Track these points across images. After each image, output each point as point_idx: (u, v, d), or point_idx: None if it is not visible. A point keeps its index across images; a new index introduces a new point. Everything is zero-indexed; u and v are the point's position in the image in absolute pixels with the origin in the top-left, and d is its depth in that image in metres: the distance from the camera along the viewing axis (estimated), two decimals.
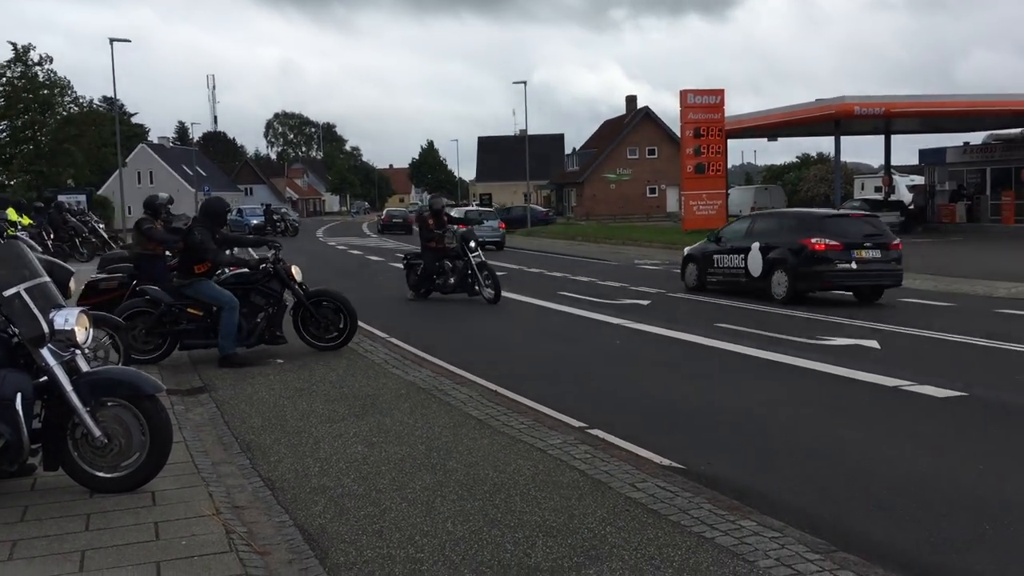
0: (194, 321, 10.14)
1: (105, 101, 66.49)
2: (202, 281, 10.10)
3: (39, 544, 4.66)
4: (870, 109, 32.49)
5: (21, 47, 47.18)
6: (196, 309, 10.14)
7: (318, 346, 10.64)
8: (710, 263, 17.34)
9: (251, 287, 10.34)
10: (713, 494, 5.50)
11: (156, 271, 12.09)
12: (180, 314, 10.13)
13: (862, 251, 14.92)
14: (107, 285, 12.37)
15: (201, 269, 10.11)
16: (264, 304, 10.34)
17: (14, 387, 5.09)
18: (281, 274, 10.43)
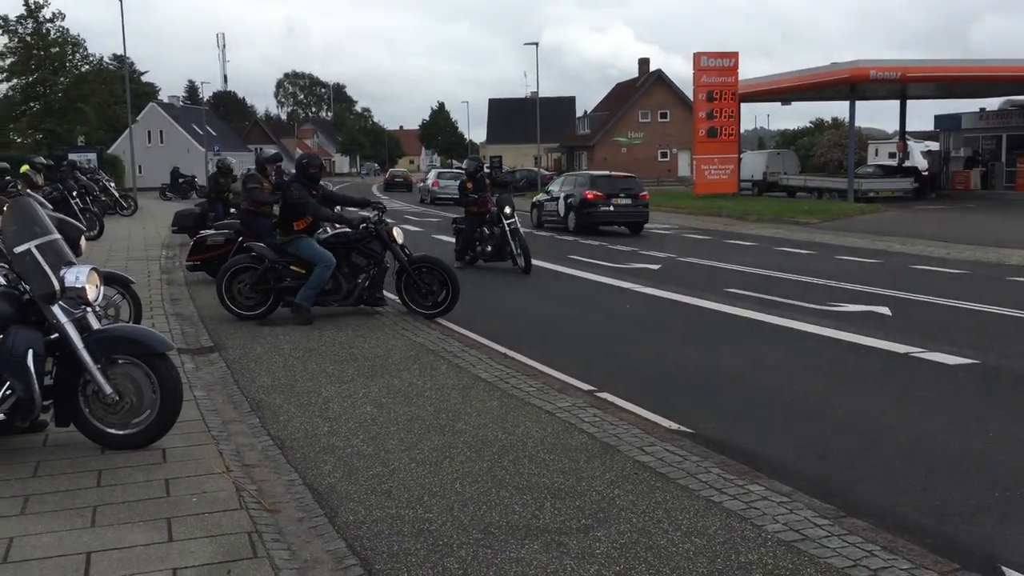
0: (296, 279, 10.16)
1: (116, 59, 66.22)
2: (302, 238, 10.13)
3: (51, 499, 4.70)
4: (886, 73, 32.06)
5: (33, 3, 46.93)
6: (298, 267, 10.16)
7: (419, 312, 10.39)
8: (542, 208, 25.65)
9: (352, 247, 10.29)
10: (722, 458, 5.50)
11: (261, 228, 12.31)
12: (283, 271, 10.18)
13: (618, 199, 23.08)
14: (214, 241, 13.14)
15: (300, 226, 10.13)
16: (365, 265, 10.31)
17: (25, 344, 5.12)
18: (383, 235, 10.31)
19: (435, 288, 10.38)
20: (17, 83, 48.28)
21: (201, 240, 13.47)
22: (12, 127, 49.10)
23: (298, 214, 10.07)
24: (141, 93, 72.47)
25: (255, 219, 12.77)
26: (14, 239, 5.29)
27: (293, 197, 10.09)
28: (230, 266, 10.45)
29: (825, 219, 25.70)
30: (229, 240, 13.10)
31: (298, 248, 10.10)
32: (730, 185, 37.31)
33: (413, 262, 10.41)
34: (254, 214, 12.77)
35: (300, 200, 10.02)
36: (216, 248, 13.19)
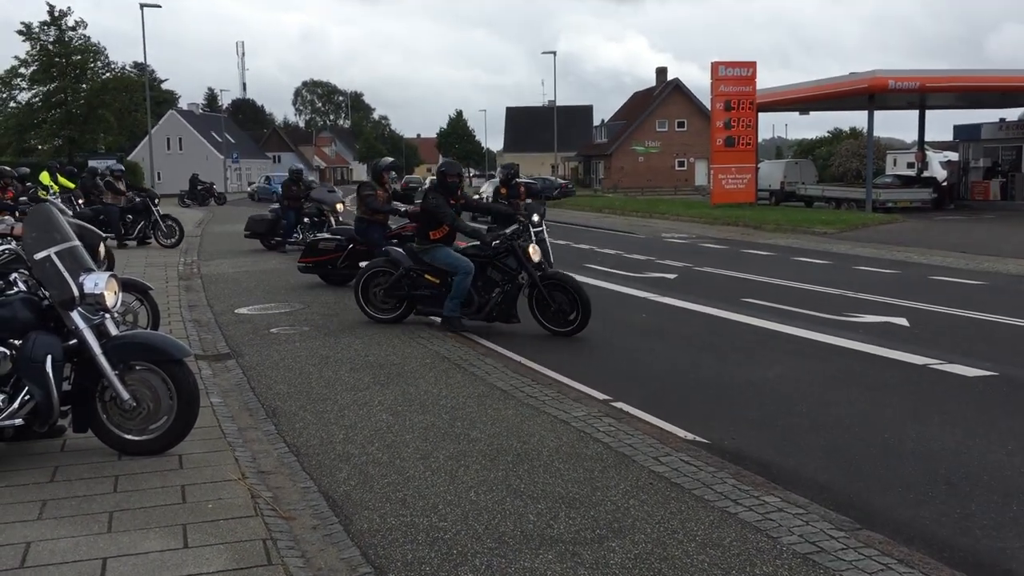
0: (430, 288, 10.14)
1: (136, 67, 66.79)
2: (439, 247, 10.03)
3: (68, 504, 4.73)
4: (905, 83, 31.90)
5: (57, 11, 47.49)
6: (433, 276, 10.10)
7: (552, 330, 9.95)
8: None
9: (487, 261, 10.04)
10: (737, 469, 5.48)
11: (374, 237, 12.66)
12: (418, 279, 10.19)
13: None
14: (325, 246, 13.65)
15: (437, 235, 10.04)
16: (500, 280, 10.01)
17: (44, 349, 5.16)
18: (517, 251, 9.93)
19: (565, 307, 9.90)
20: (39, 90, 48.83)
21: (313, 244, 13.93)
22: (33, 133, 49.61)
23: (435, 223, 9.98)
24: (161, 100, 73.03)
25: (369, 227, 12.94)
26: (34, 245, 5.34)
27: (429, 206, 10.02)
28: (368, 268, 10.61)
29: (843, 229, 25.58)
30: (340, 246, 13.50)
31: (435, 258, 10.02)
32: (747, 195, 37.19)
33: (544, 279, 9.95)
34: (368, 222, 12.92)
35: (436, 210, 9.92)
36: (327, 253, 13.64)
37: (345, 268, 13.53)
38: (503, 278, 9.99)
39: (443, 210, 9.92)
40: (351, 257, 13.39)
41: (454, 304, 9.91)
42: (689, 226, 29.90)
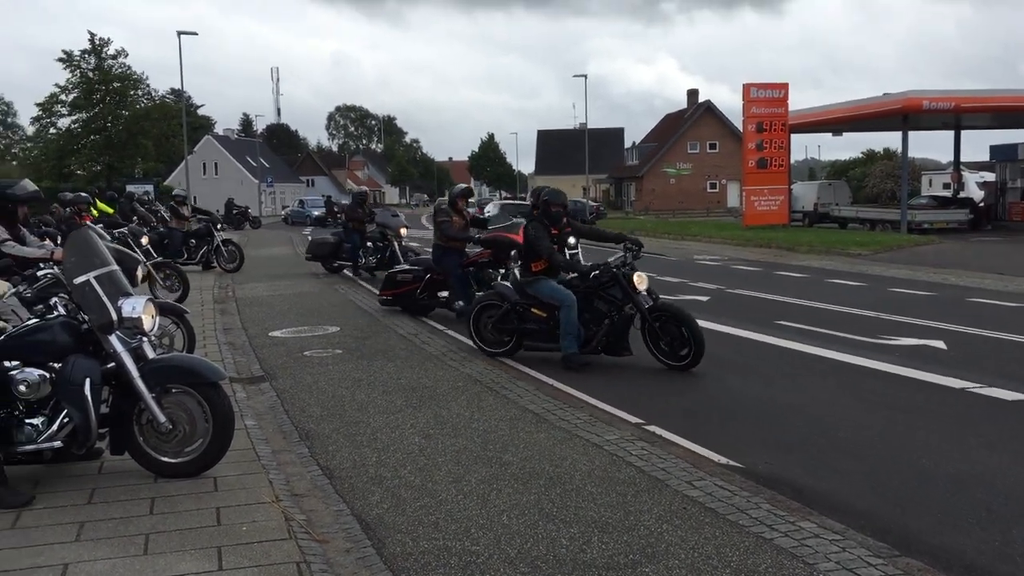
0: (537, 321, 9.71)
1: (173, 93, 67.90)
2: (540, 280, 9.61)
3: (105, 526, 4.79)
4: (939, 104, 31.61)
5: (99, 39, 48.50)
6: (540, 309, 9.67)
7: (666, 364, 9.31)
8: None
9: (593, 291, 9.46)
10: (772, 494, 5.42)
11: (450, 264, 12.56)
12: (525, 313, 9.78)
13: None
14: (403, 278, 13.40)
15: (539, 267, 9.65)
16: (607, 311, 9.42)
17: (83, 373, 5.24)
18: (621, 280, 9.30)
19: (676, 342, 9.25)
20: (79, 116, 49.80)
21: (392, 276, 13.72)
22: (73, 159, 50.53)
23: (536, 255, 9.59)
24: (197, 126, 74.15)
25: (445, 254, 12.77)
26: (74, 270, 5.44)
27: (529, 237, 9.61)
28: (479, 302, 10.31)
29: (878, 251, 25.33)
30: (417, 277, 13.26)
31: (538, 290, 9.58)
32: (780, 216, 36.96)
33: (653, 310, 9.32)
34: (444, 249, 12.77)
35: (536, 241, 9.50)
36: (405, 285, 13.38)
37: (424, 299, 13.31)
38: (610, 309, 9.41)
39: (541, 242, 9.49)
40: (429, 287, 13.20)
41: (569, 340, 9.30)
42: (721, 248, 29.75)
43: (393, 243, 19.01)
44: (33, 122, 51.31)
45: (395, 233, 19.14)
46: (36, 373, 5.25)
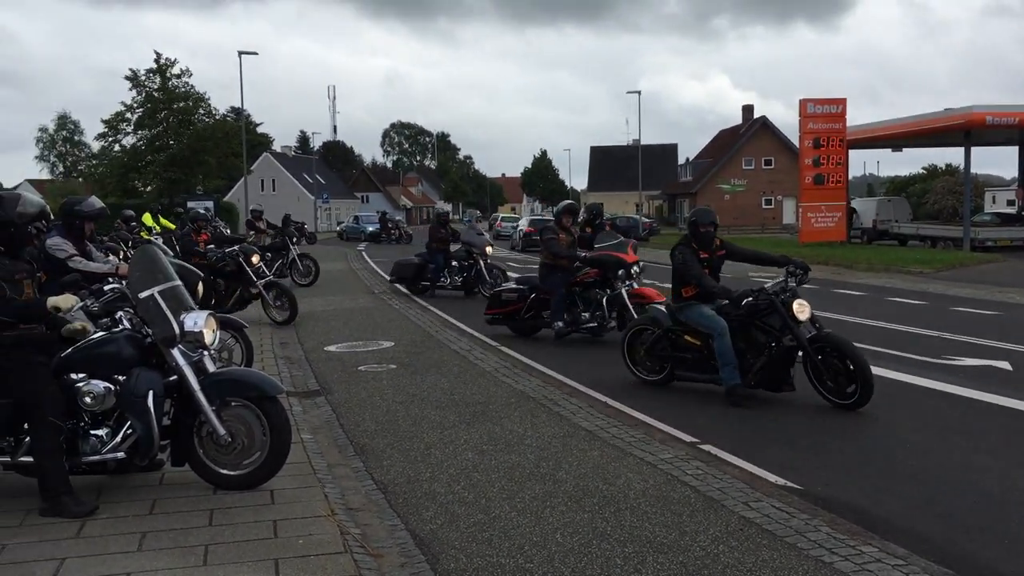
0: (691, 350, 8.95)
1: (233, 111, 69.30)
2: (691, 306, 8.82)
3: (166, 537, 4.87)
4: (1003, 119, 30.98)
5: (164, 59, 49.73)
6: (693, 337, 8.88)
7: (831, 401, 8.27)
8: None
9: (748, 320, 8.57)
10: (831, 517, 5.32)
11: (556, 283, 12.30)
12: (677, 340, 9.07)
13: None
14: (508, 296, 13.15)
15: (690, 293, 8.85)
16: (765, 342, 8.44)
17: (146, 385, 5.35)
18: (780, 308, 8.38)
19: (841, 377, 8.22)
20: (143, 134, 51.04)
21: (497, 295, 13.43)
22: (138, 176, 51.75)
23: (685, 280, 8.85)
24: (256, 143, 75.49)
25: (551, 273, 12.47)
26: (138, 284, 5.57)
27: (676, 262, 8.89)
28: (632, 326, 9.68)
29: (939, 269, 24.80)
30: (522, 296, 12.89)
31: (689, 317, 8.82)
32: (838, 233, 36.43)
33: (815, 341, 8.33)
34: (550, 267, 12.48)
35: (682, 266, 8.77)
36: (510, 304, 13.04)
37: (530, 318, 12.86)
38: (768, 340, 8.43)
39: (690, 267, 8.69)
40: (535, 306, 12.76)
41: (728, 371, 8.44)
42: None
43: (479, 262, 18.74)
44: (99, 138, 52.69)
45: (480, 251, 18.82)
46: (101, 385, 5.37)
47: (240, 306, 14.26)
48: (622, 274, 12.06)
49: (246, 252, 14.27)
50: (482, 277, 18.67)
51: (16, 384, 5.25)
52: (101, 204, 8.09)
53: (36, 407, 5.21)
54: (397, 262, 20.35)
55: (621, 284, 12.00)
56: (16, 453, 5.38)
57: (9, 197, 5.48)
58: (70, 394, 5.35)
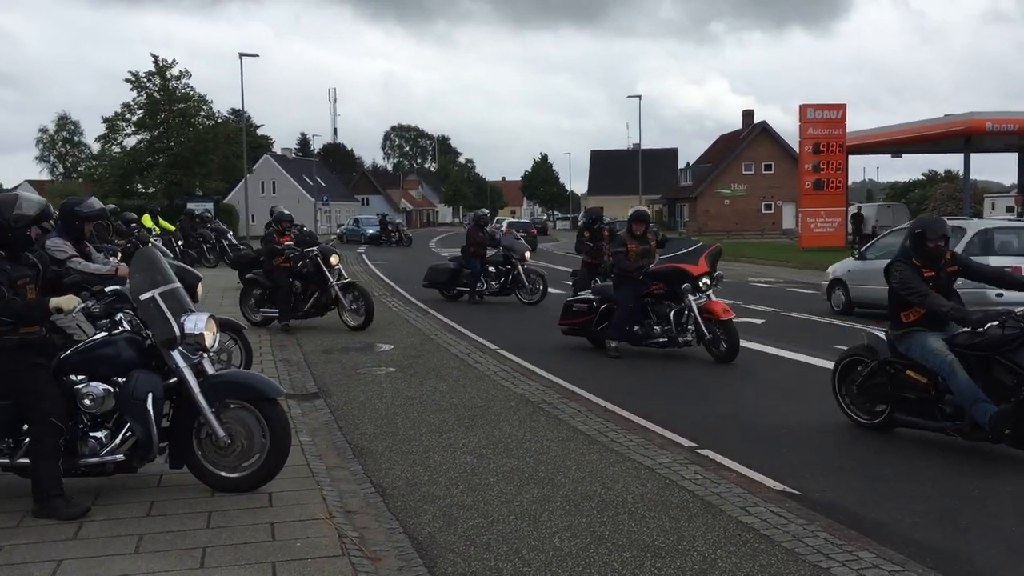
0: (915, 389, 7.22)
1: (233, 113, 69.32)
2: (913, 334, 7.19)
3: (163, 539, 4.87)
4: (1003, 126, 31.05)
5: (162, 61, 49.75)
6: (918, 373, 7.20)
7: None
8: None
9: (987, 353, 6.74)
10: (829, 522, 5.33)
11: (623, 294, 11.55)
12: (897, 375, 7.36)
13: None
14: (578, 308, 12.37)
15: (911, 317, 7.23)
16: (1013, 385, 6.55)
17: (146, 388, 5.36)
18: None
19: None
20: (144, 136, 51.05)
21: (568, 306, 12.58)
22: (138, 178, 51.73)
23: (905, 302, 7.20)
24: (256, 145, 75.53)
25: (621, 283, 11.68)
26: (139, 286, 5.57)
27: (894, 281, 7.25)
28: (844, 356, 7.98)
29: None
30: (591, 308, 12.09)
31: (909, 348, 7.17)
32: (837, 238, 36.47)
33: None
34: (621, 278, 11.68)
35: (903, 286, 7.13)
36: (580, 315, 12.28)
37: (601, 331, 11.97)
38: (1017, 382, 6.52)
39: (913, 287, 7.04)
40: (606, 317, 11.89)
41: (979, 408, 6.59)
42: (776, 270, 29.41)
43: (517, 267, 18.33)
44: (99, 139, 52.68)
45: (519, 257, 18.36)
46: (101, 387, 5.38)
47: (318, 311, 13.94)
48: (687, 287, 11.17)
49: (325, 252, 13.85)
50: (520, 282, 18.29)
51: (17, 385, 5.26)
52: (101, 205, 8.10)
53: (37, 407, 5.21)
54: (431, 267, 19.50)
55: (689, 296, 11.11)
56: (15, 455, 5.38)
57: (4, 200, 5.35)
58: (69, 396, 5.35)
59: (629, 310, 11.49)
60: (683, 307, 11.32)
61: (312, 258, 13.66)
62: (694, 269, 11.26)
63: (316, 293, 13.80)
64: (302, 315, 13.88)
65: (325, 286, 13.74)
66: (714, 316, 11.04)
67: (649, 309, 11.66)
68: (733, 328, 11.10)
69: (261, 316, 14.05)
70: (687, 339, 11.30)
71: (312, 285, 13.79)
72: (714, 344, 11.12)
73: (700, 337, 11.14)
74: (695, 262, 11.36)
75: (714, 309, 11.10)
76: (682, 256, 11.58)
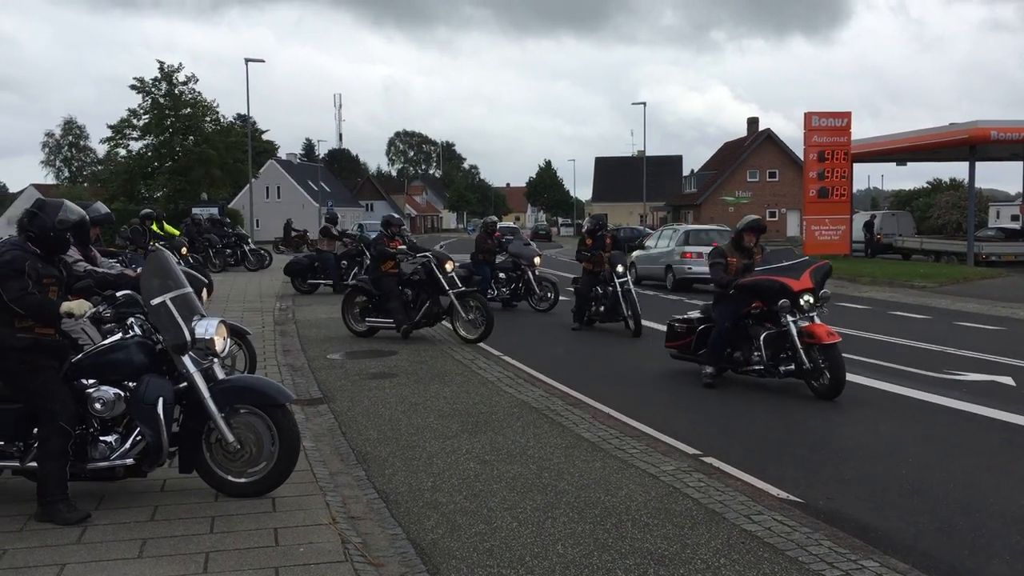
0: None
1: (239, 118, 69.42)
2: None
3: (167, 544, 4.87)
4: (1007, 134, 30.98)
5: (167, 66, 49.84)
6: None
7: None
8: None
9: None
10: (833, 531, 5.32)
11: (720, 314, 10.14)
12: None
13: None
14: (680, 328, 10.96)
15: None
16: None
17: (156, 392, 5.37)
18: None
19: None
20: (150, 141, 51.13)
21: (671, 326, 11.14)
22: (144, 183, 51.79)
23: None
24: (261, 151, 75.66)
25: (719, 301, 10.26)
26: (151, 291, 5.58)
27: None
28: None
29: (943, 283, 24.77)
30: (690, 327, 10.76)
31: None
32: (842, 246, 36.41)
33: None
34: (721, 295, 10.24)
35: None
36: (681, 337, 10.88)
37: (701, 354, 10.45)
38: None
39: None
40: (705, 339, 10.43)
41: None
42: None
43: (527, 273, 18.24)
44: (105, 141, 52.79)
45: (529, 262, 18.29)
46: (111, 392, 5.39)
47: (429, 321, 13.30)
48: (784, 304, 9.46)
49: (439, 258, 13.16)
50: (531, 288, 18.21)
51: (28, 386, 5.28)
52: (107, 209, 8.12)
53: (47, 409, 5.23)
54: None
55: (785, 315, 9.46)
56: (25, 458, 5.40)
57: (51, 204, 5.58)
58: (80, 400, 5.37)
59: (726, 330, 10.00)
60: (778, 331, 9.65)
61: (425, 264, 13.05)
62: (795, 284, 9.54)
63: (428, 302, 13.16)
64: (414, 324, 13.21)
65: (438, 294, 13.07)
66: (816, 340, 9.26)
67: (748, 332, 10.03)
68: (838, 356, 9.26)
69: (367, 325, 13.56)
70: (788, 367, 9.55)
71: (423, 294, 13.19)
72: (815, 375, 9.38)
73: (799, 366, 9.42)
74: (797, 276, 9.63)
75: (817, 332, 9.29)
76: (782, 269, 9.83)
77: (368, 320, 13.60)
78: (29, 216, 5.49)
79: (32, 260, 5.37)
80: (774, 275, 9.76)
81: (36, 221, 5.45)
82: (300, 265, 21.80)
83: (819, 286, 9.70)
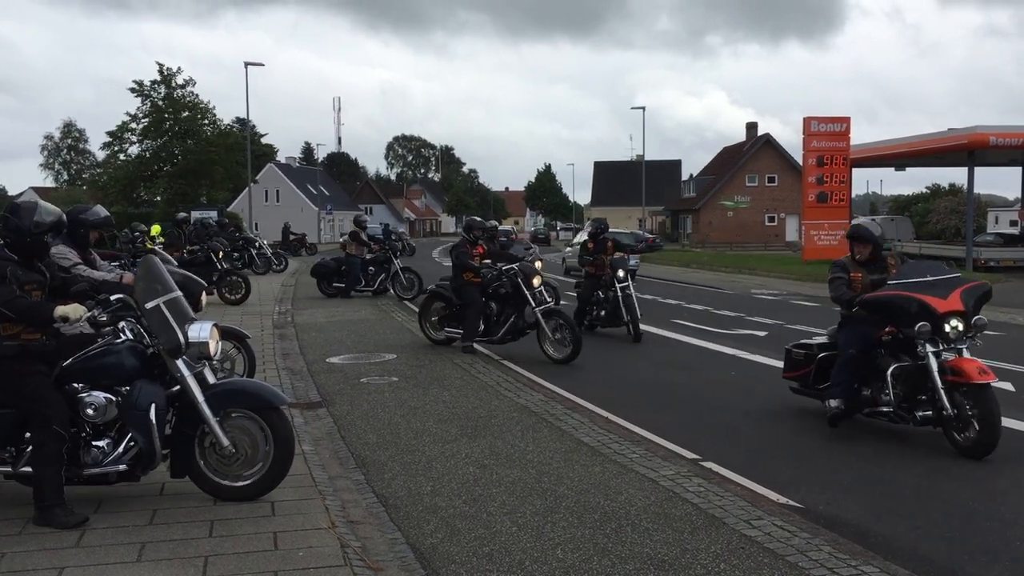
0: None
1: (238, 122, 69.44)
2: None
3: (166, 548, 4.86)
4: (1006, 140, 31.03)
5: (166, 69, 49.87)
6: None
7: None
8: None
9: None
10: (833, 536, 5.31)
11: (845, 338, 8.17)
12: None
13: None
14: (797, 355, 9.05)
15: None
16: None
17: (149, 398, 5.35)
18: None
19: None
20: (149, 144, 51.14)
21: (788, 354, 9.16)
22: (144, 186, 51.79)
23: None
24: (260, 154, 75.71)
25: (843, 325, 8.34)
26: (145, 295, 5.57)
27: None
28: None
29: None
30: (809, 356, 8.78)
31: None
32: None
33: None
34: (846, 317, 8.29)
35: None
36: (799, 367, 8.91)
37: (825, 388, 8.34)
38: None
39: None
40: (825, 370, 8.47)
41: None
42: (780, 282, 29.38)
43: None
44: (104, 147, 52.76)
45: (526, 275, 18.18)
46: (103, 396, 5.38)
47: (513, 337, 12.49)
48: (923, 329, 7.34)
49: (526, 272, 12.22)
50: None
51: (19, 392, 5.26)
52: (106, 213, 8.10)
53: (40, 414, 5.21)
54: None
55: (927, 347, 7.39)
56: (18, 463, 5.38)
57: (26, 206, 5.49)
58: (71, 404, 5.35)
59: (851, 358, 7.98)
60: (917, 363, 7.56)
61: (511, 277, 12.29)
62: (940, 304, 7.43)
63: (513, 316, 12.37)
64: (497, 340, 12.49)
65: (523, 309, 12.29)
66: (964, 379, 7.16)
67: (879, 364, 7.90)
68: (991, 400, 7.11)
69: (445, 335, 13.02)
70: (925, 412, 7.49)
71: (508, 308, 12.42)
72: (959, 426, 7.26)
73: (938, 411, 7.35)
74: (944, 296, 7.52)
75: (966, 369, 7.18)
76: (924, 285, 7.63)
77: (447, 330, 13.03)
78: (3, 221, 5.42)
79: (12, 267, 5.31)
80: (912, 291, 7.58)
81: (10, 225, 5.38)
82: (327, 268, 21.76)
83: (972, 311, 7.56)
